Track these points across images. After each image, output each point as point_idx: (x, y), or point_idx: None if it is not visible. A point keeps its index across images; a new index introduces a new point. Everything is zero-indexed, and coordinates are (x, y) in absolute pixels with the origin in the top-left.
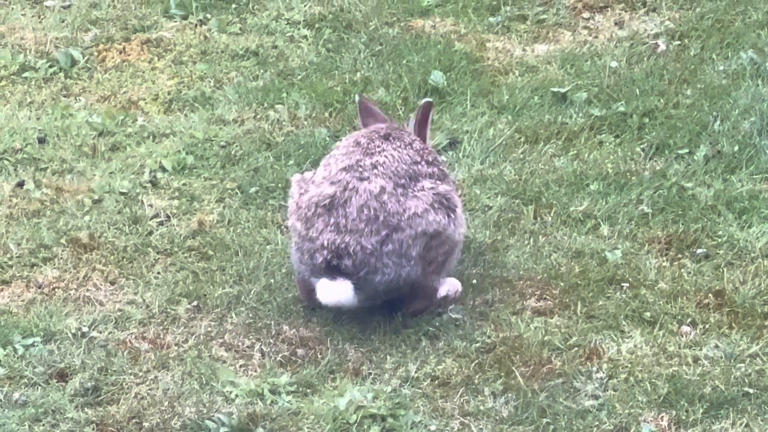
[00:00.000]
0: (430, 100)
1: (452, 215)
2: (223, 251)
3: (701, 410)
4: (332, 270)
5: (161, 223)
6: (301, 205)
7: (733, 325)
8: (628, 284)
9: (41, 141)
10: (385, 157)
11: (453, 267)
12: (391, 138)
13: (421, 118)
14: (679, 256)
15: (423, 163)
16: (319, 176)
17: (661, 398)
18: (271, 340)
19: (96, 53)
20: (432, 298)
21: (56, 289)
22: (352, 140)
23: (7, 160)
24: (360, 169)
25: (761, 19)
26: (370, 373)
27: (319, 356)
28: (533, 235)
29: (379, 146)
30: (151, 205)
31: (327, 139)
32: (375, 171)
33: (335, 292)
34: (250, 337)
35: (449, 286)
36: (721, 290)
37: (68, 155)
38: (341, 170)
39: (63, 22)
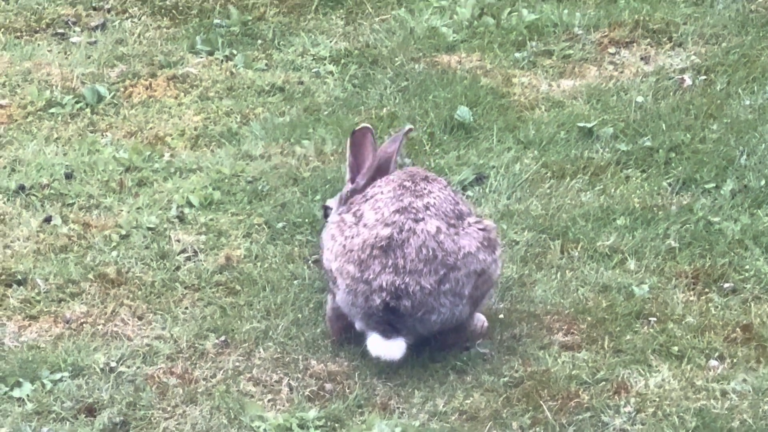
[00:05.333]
0: (411, 126)
1: (494, 254)
2: (250, 286)
3: None
4: (388, 312)
5: (189, 258)
6: (353, 248)
7: (761, 359)
8: (655, 318)
9: (68, 176)
10: (434, 198)
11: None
12: (429, 179)
13: (398, 146)
14: (707, 290)
15: (461, 203)
16: (371, 219)
17: None
18: (299, 375)
19: (122, 89)
20: (466, 333)
21: (84, 324)
22: (395, 184)
23: (34, 195)
24: (414, 211)
25: None
26: (398, 408)
27: (347, 391)
28: (560, 269)
29: (425, 188)
30: (178, 241)
31: None
32: (428, 212)
33: (389, 350)
34: (278, 371)
35: (476, 320)
36: (749, 324)
37: (95, 191)
38: (394, 212)
39: (89, 58)
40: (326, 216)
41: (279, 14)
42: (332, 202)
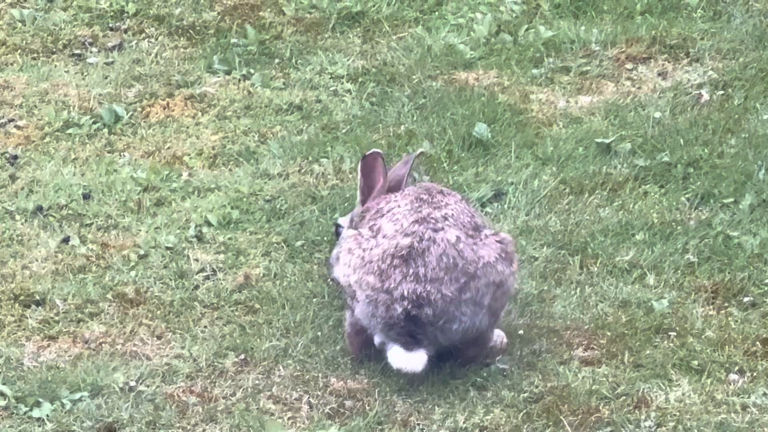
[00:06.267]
0: (422, 149)
1: (512, 267)
2: (269, 304)
3: None
4: (410, 322)
5: (207, 278)
6: (372, 258)
7: None
8: (675, 333)
9: (86, 197)
10: (452, 210)
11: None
12: (445, 193)
13: (409, 167)
14: (726, 304)
15: (476, 216)
16: (389, 230)
17: None
18: (319, 393)
19: (140, 109)
20: (486, 347)
21: (103, 344)
22: (412, 197)
23: (52, 216)
24: (433, 221)
25: None
26: (418, 424)
27: (367, 408)
28: (579, 285)
29: (442, 200)
30: (197, 260)
31: None
32: (447, 222)
33: (411, 362)
34: (298, 389)
35: (496, 336)
36: None
37: (113, 211)
38: (414, 223)
39: (106, 78)
40: (338, 234)
41: (296, 33)
42: (344, 221)
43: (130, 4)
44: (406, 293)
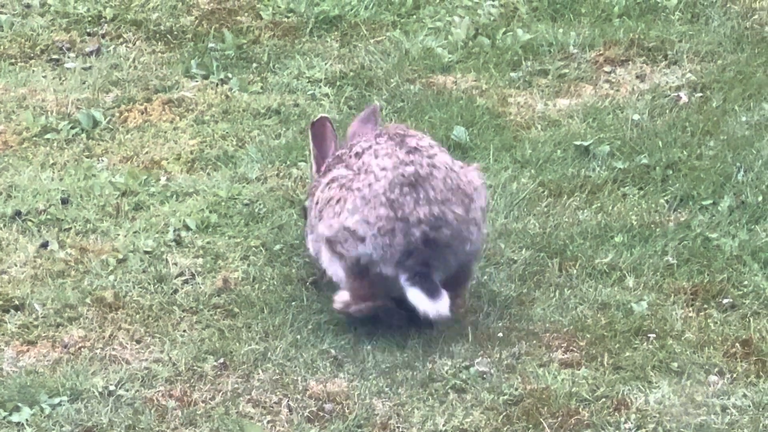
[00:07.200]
0: (377, 103)
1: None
2: (248, 308)
3: None
4: (428, 246)
5: (186, 282)
6: (377, 192)
7: (761, 373)
8: (654, 335)
9: (64, 202)
10: (430, 140)
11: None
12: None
13: (375, 120)
14: (705, 306)
15: None
16: (387, 164)
17: None
18: (299, 396)
19: (118, 114)
20: (468, 281)
21: (82, 349)
22: (389, 134)
23: (30, 221)
24: (424, 148)
25: None
26: (398, 427)
27: (347, 411)
28: (559, 287)
29: (416, 134)
30: (175, 264)
31: None
32: (435, 149)
33: (440, 308)
34: (278, 393)
35: None
36: (748, 339)
37: (92, 215)
38: (408, 153)
39: (84, 83)
40: (305, 217)
41: (274, 37)
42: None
43: (107, 10)
44: (422, 216)
